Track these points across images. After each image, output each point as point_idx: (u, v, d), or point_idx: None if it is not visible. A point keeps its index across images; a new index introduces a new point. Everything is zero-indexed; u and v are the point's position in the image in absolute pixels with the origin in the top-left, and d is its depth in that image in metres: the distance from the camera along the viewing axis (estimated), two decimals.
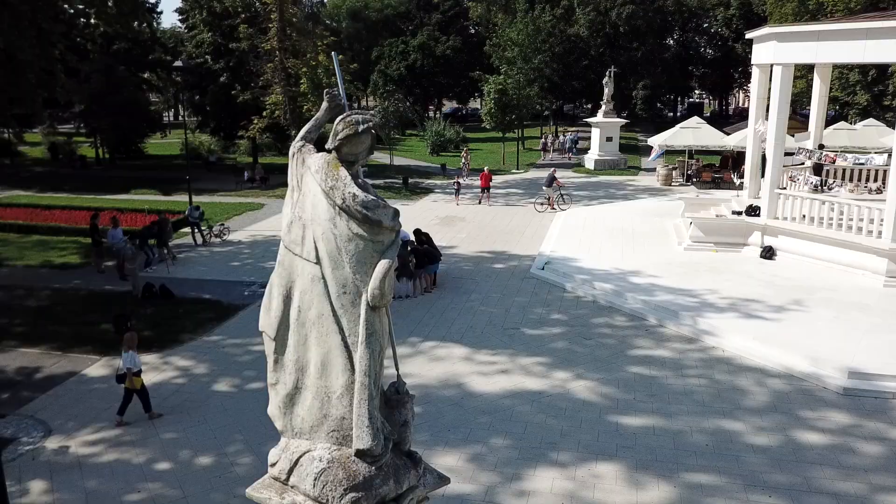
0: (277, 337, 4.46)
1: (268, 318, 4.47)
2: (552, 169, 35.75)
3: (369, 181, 4.51)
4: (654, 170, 40.22)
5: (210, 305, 18.27)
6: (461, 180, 33.03)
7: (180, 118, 78.36)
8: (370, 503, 4.18)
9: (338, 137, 4.17)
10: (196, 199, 33.62)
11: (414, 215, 28.59)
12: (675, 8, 68.01)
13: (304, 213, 4.27)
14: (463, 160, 38.29)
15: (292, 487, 4.30)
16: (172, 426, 12.03)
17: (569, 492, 9.96)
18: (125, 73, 41.01)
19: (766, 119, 21.14)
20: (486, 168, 33.99)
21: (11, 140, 45.94)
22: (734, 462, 10.61)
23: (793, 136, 25.11)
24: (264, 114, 38.51)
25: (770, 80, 21.07)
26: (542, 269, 20.78)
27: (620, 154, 45.27)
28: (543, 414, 12.19)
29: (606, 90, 44.84)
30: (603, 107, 45.17)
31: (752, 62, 23.16)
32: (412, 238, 20.11)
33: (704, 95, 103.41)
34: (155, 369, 14.22)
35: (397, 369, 4.60)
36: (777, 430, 11.52)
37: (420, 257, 18.69)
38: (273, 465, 4.49)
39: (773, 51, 19.97)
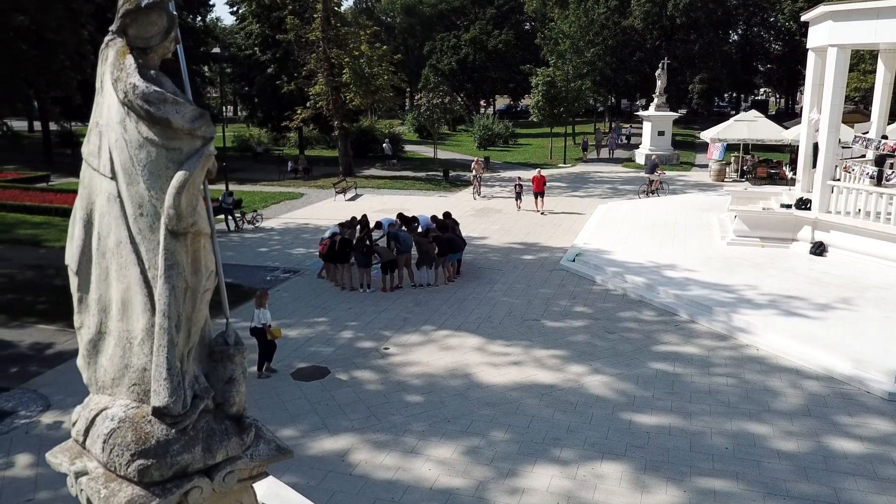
0: (80, 271, 3.78)
1: (70, 249, 3.83)
2: (653, 157, 35.13)
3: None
4: (706, 165, 38.54)
5: (229, 288, 17.64)
6: (521, 183, 28.51)
7: (239, 114, 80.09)
8: (164, 472, 3.50)
9: (119, 14, 3.54)
10: (240, 188, 33.98)
11: (450, 206, 27.92)
12: (739, 1, 65.37)
13: (101, 118, 3.58)
14: (474, 172, 32.87)
15: (89, 451, 3.71)
16: None
17: (566, 491, 9.18)
18: (174, 64, 41.53)
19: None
20: (538, 171, 29.34)
21: (70, 130, 47.40)
22: (755, 468, 9.62)
23: (852, 127, 23.43)
24: (308, 104, 38.61)
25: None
26: (573, 261, 19.89)
27: (673, 149, 43.62)
28: (551, 408, 11.41)
29: (659, 83, 43.30)
30: (655, 100, 43.63)
31: (807, 46, 21.63)
32: (432, 224, 19.62)
33: (770, 93, 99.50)
34: None
35: (227, 316, 3.97)
36: (808, 436, 10.45)
37: (442, 245, 18.06)
38: (73, 424, 3.91)
39: (828, 31, 18.53)
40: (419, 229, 19.86)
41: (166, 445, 3.52)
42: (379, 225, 20.50)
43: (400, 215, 20.46)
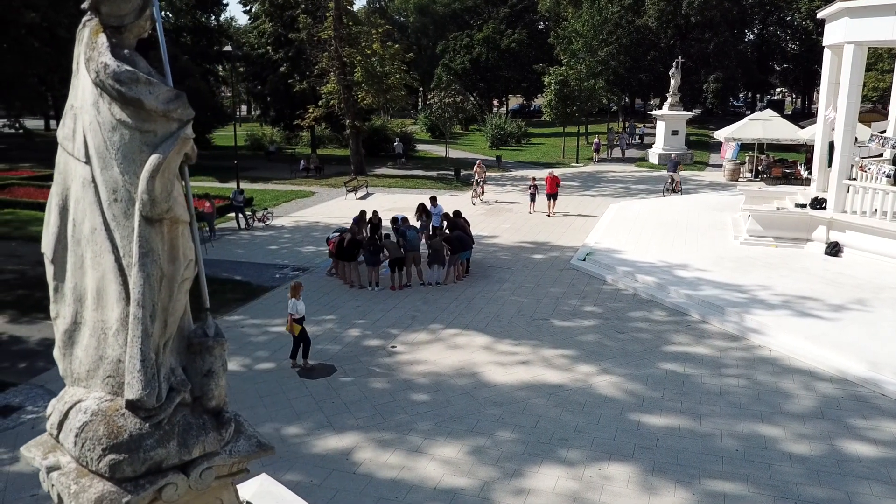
0: (56, 259, 3.67)
1: (46, 237, 3.72)
2: (673, 154, 34.98)
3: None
4: (720, 165, 38.20)
5: (239, 286, 18.10)
6: (536, 184, 27.47)
7: (252, 113, 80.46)
8: (136, 468, 3.38)
9: None
10: (252, 186, 34.07)
11: (460, 205, 27.85)
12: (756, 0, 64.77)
13: (76, 100, 3.49)
14: (476, 175, 31.10)
15: (62, 445, 3.61)
16: None
17: (572, 492, 9.04)
18: (189, 64, 41.88)
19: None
20: (551, 172, 28.34)
21: None
22: (766, 471, 9.44)
23: (869, 126, 23.10)
24: (320, 103, 38.64)
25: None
26: (583, 260, 19.71)
27: (687, 149, 43.23)
28: (559, 408, 11.27)
29: (673, 82, 42.98)
30: (669, 99, 43.30)
31: (823, 44, 21.32)
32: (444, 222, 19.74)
33: (786, 92, 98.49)
34: None
35: (207, 307, 3.85)
36: (821, 439, 10.24)
37: (454, 244, 17.94)
38: (48, 417, 3.82)
39: (845, 28, 18.24)
40: (432, 223, 20.00)
41: (139, 440, 3.41)
42: (395, 220, 20.45)
43: (421, 206, 20.84)
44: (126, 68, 3.25)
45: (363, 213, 20.58)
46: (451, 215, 19.69)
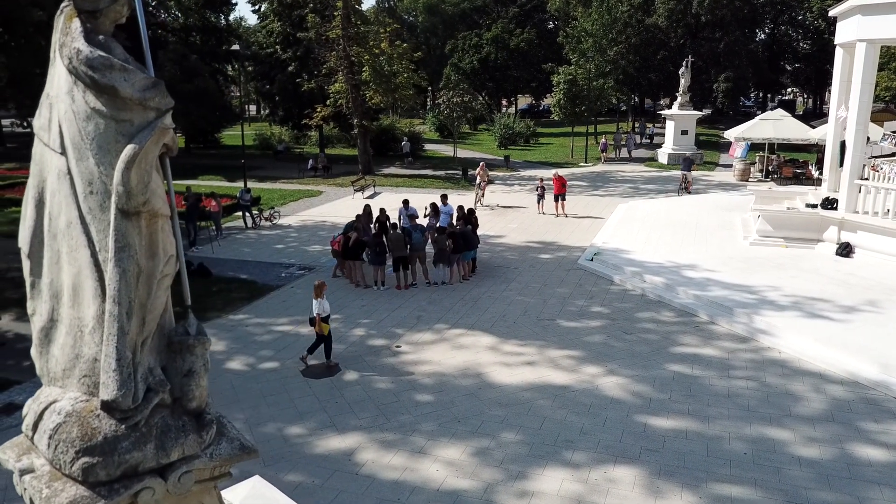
0: (32, 254, 3.54)
1: (22, 231, 3.61)
2: (688, 153, 34.98)
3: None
4: (730, 165, 37.92)
5: (244, 285, 18.06)
6: (544, 185, 27.02)
7: (261, 112, 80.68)
8: (111, 471, 3.27)
9: None
10: (260, 185, 34.10)
11: (468, 204, 27.75)
12: None
13: (52, 89, 3.36)
14: (478, 178, 29.66)
15: (37, 447, 3.50)
16: None
17: (577, 495, 8.91)
18: (198, 63, 41.93)
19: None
20: (555, 172, 27.94)
21: None
22: (774, 474, 9.27)
23: (881, 125, 22.82)
24: (328, 102, 38.62)
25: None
26: (591, 260, 19.55)
27: (696, 148, 42.93)
28: (565, 410, 11.13)
29: (682, 81, 42.66)
30: (678, 99, 43.00)
31: (834, 42, 21.06)
32: (453, 218, 19.78)
33: (798, 92, 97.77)
34: None
35: (188, 305, 3.74)
36: (831, 442, 10.06)
37: (457, 241, 17.81)
38: (24, 417, 3.71)
39: (857, 26, 18.00)
40: (439, 222, 19.97)
41: (114, 442, 3.29)
42: (406, 203, 20.52)
43: (433, 206, 20.94)
44: (99, 54, 3.13)
45: (367, 207, 20.55)
46: (465, 211, 19.63)
